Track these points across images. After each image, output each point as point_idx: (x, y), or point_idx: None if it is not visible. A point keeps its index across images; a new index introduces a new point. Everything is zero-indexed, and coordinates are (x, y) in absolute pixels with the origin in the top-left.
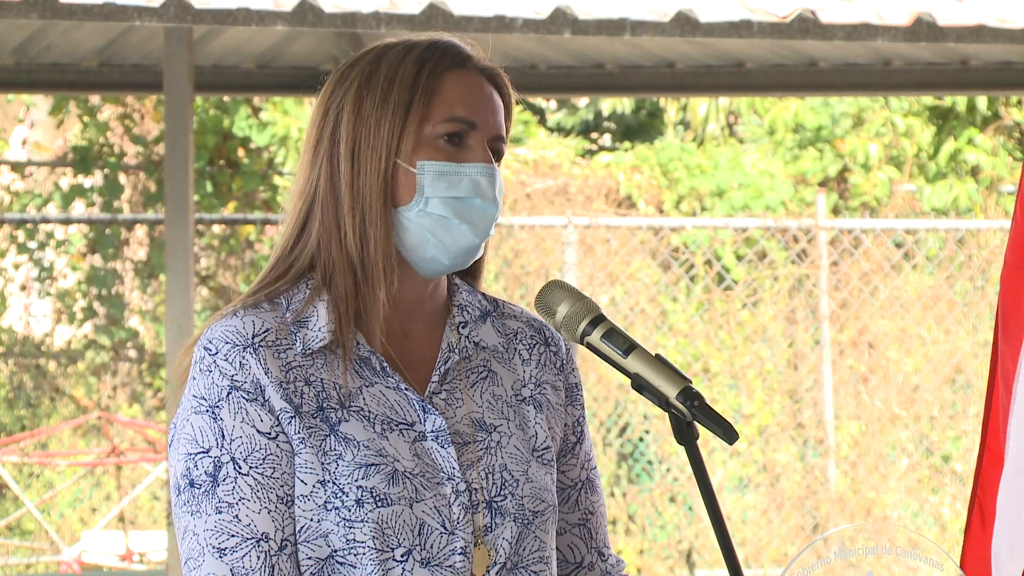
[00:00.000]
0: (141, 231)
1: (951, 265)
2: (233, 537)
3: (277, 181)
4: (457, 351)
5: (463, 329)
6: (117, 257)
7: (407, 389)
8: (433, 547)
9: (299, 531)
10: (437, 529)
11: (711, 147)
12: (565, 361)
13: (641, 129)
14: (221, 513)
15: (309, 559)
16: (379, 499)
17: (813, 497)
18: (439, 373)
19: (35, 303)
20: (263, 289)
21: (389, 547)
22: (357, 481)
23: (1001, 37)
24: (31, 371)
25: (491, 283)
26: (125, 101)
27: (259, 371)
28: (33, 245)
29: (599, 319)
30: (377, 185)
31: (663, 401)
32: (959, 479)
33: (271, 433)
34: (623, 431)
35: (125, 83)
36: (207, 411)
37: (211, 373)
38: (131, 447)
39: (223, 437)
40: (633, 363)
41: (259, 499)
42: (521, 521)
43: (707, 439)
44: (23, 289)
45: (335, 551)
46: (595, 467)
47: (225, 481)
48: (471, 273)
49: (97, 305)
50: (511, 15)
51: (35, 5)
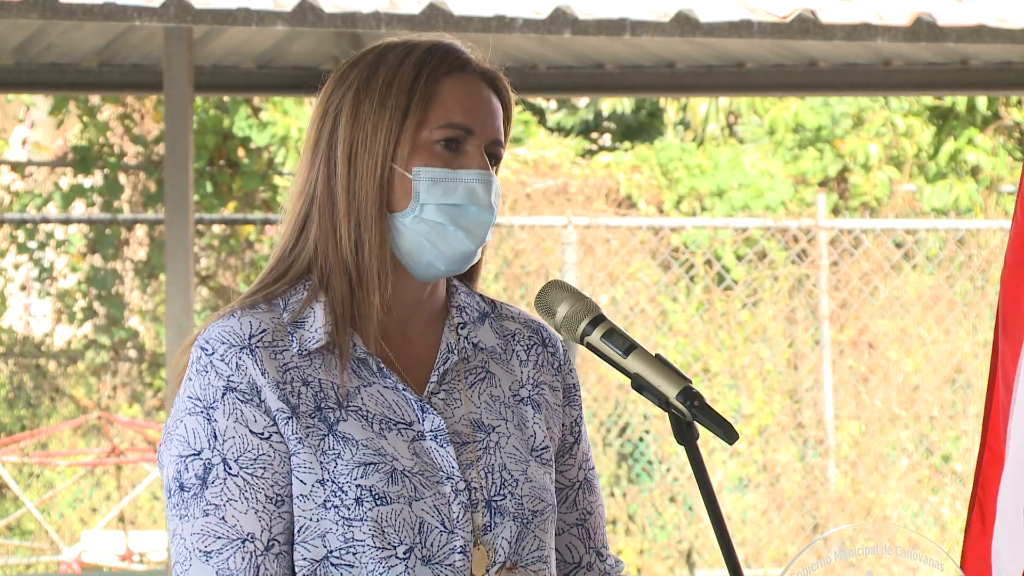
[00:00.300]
0: (141, 231)
1: (951, 265)
2: (219, 539)
3: (277, 181)
4: (456, 352)
5: (462, 330)
6: (117, 257)
7: (405, 389)
8: (433, 545)
9: (298, 531)
10: (437, 528)
11: (711, 147)
12: (563, 362)
13: (641, 129)
14: (208, 516)
15: (304, 560)
16: (378, 498)
17: (813, 497)
18: (438, 373)
19: (35, 303)
20: (261, 290)
21: (391, 545)
22: (356, 480)
23: (1001, 37)
24: (31, 371)
25: (491, 283)
26: (125, 101)
27: (255, 372)
28: (33, 245)
29: (599, 319)
30: (373, 190)
31: (663, 401)
32: (959, 479)
33: (264, 433)
34: (623, 431)
35: (125, 83)
36: (201, 412)
37: (207, 373)
38: (131, 447)
39: (215, 438)
40: (633, 363)
41: (247, 499)
42: (520, 520)
43: (707, 439)
44: (23, 289)
45: (331, 551)
46: (593, 467)
47: (214, 483)
48: (468, 275)
49: (97, 305)
50: (511, 15)
51: (35, 5)
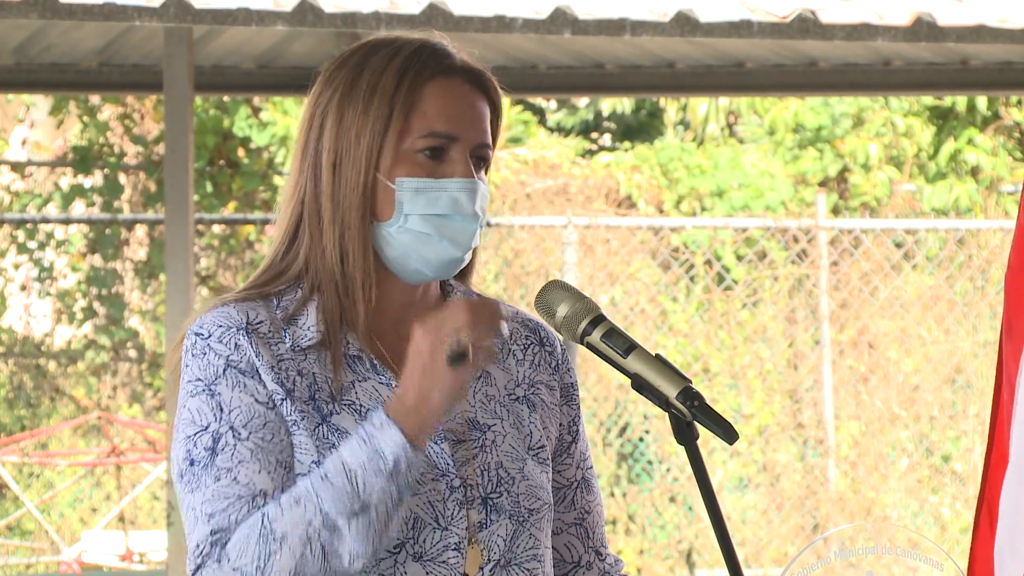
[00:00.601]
0: (141, 231)
1: (951, 265)
2: (227, 499)
3: (277, 181)
4: None
5: None
6: (117, 257)
7: (399, 386)
8: (426, 542)
9: None
10: (430, 524)
11: (711, 147)
12: (560, 361)
13: (641, 129)
14: (220, 480)
15: None
16: None
17: (813, 497)
18: None
19: (35, 303)
20: (255, 288)
21: None
22: None
23: (1001, 37)
24: (31, 371)
25: (491, 283)
26: (125, 101)
27: (252, 353)
28: (33, 245)
29: (599, 319)
30: (356, 200)
31: (663, 401)
32: (959, 479)
33: (269, 403)
34: (623, 431)
35: (125, 83)
36: (203, 391)
37: (206, 355)
38: (131, 447)
39: (221, 410)
40: (633, 363)
41: (258, 460)
42: (517, 519)
43: (707, 439)
44: (23, 289)
45: None
46: (591, 466)
47: (224, 450)
48: (462, 274)
49: (97, 305)
50: (511, 15)
51: (35, 5)
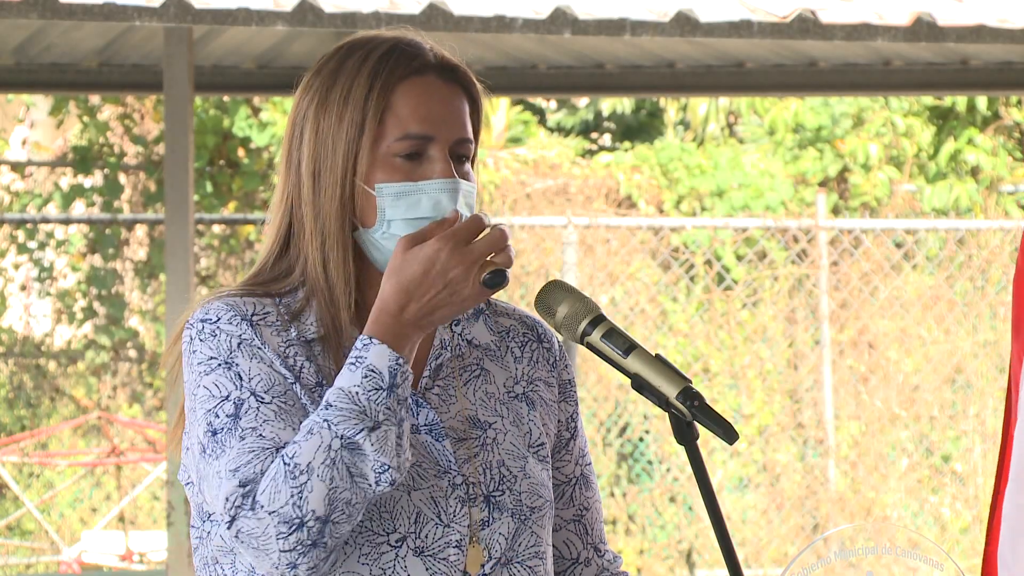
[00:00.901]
0: (141, 231)
1: (951, 265)
2: (251, 452)
3: (277, 181)
4: (449, 348)
5: (455, 327)
6: (117, 257)
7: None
8: (428, 537)
9: None
10: (433, 520)
11: (711, 147)
12: (558, 358)
13: (641, 129)
14: (244, 440)
15: None
16: None
17: (813, 497)
18: (431, 368)
19: (35, 303)
20: (257, 285)
21: (384, 531)
22: None
23: (1001, 37)
24: (31, 371)
25: None
26: (125, 101)
27: (260, 340)
28: (33, 245)
29: (599, 319)
30: (335, 209)
31: (663, 401)
32: (959, 479)
33: (286, 375)
34: (623, 431)
35: (125, 83)
36: (220, 365)
37: (216, 336)
38: (131, 447)
39: (241, 379)
40: (633, 363)
41: (283, 420)
42: (519, 517)
43: (707, 439)
44: (23, 289)
45: None
46: (590, 463)
47: (247, 413)
48: None
49: (97, 305)
50: (511, 15)
51: (35, 5)
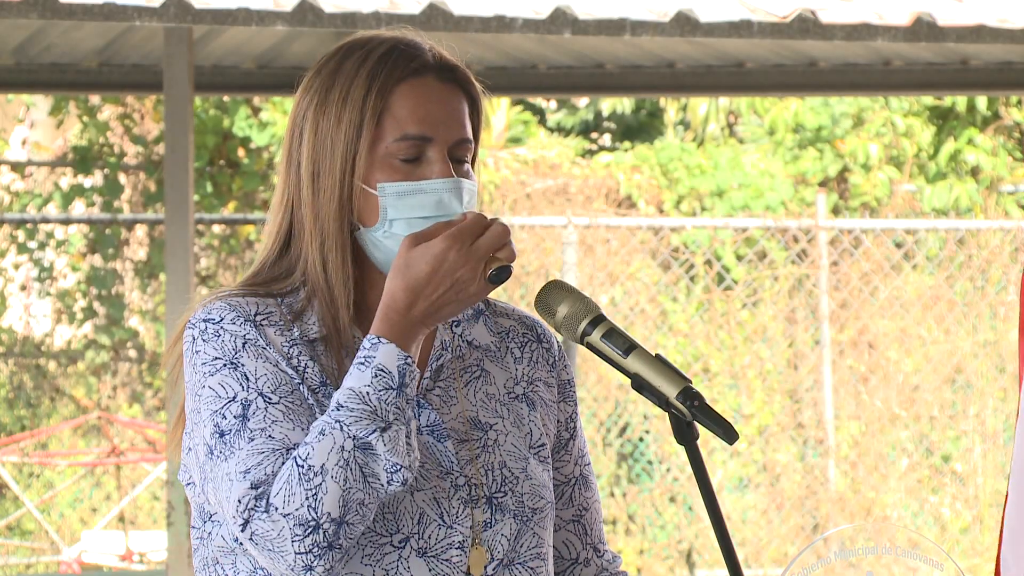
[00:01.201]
0: (141, 231)
1: (951, 265)
2: (262, 453)
3: (276, 181)
4: (449, 349)
5: (456, 328)
6: (117, 257)
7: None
8: (431, 538)
9: None
10: (435, 520)
11: (711, 147)
12: (557, 358)
13: (641, 129)
14: (254, 441)
15: None
16: None
17: (813, 497)
18: (431, 370)
19: (35, 303)
20: (258, 284)
21: (388, 531)
22: None
23: (1001, 37)
24: (31, 371)
25: None
26: (125, 101)
27: (264, 340)
28: (33, 245)
29: (599, 319)
30: (334, 210)
31: (663, 401)
32: (959, 479)
33: (292, 375)
34: (623, 431)
35: (125, 83)
36: (225, 366)
37: (220, 336)
38: (131, 447)
39: (247, 379)
40: (633, 363)
41: (292, 420)
42: (521, 518)
43: (707, 439)
44: (23, 289)
45: None
46: (589, 463)
47: (256, 414)
48: None
49: (97, 305)
50: (511, 15)
51: (35, 5)
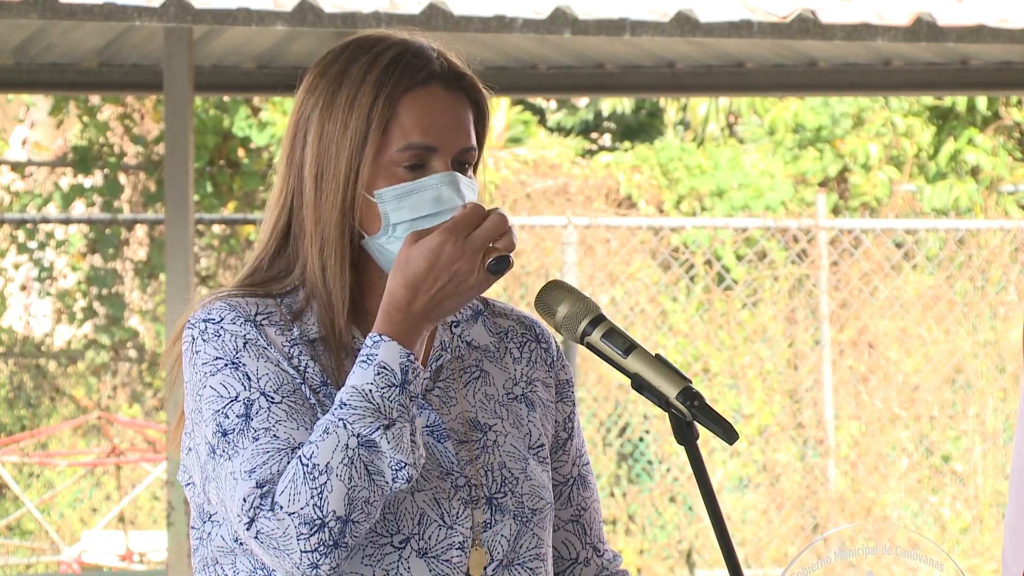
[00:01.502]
0: (141, 231)
1: (951, 265)
2: (267, 453)
3: (275, 178)
4: (449, 350)
5: (455, 328)
6: (117, 257)
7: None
8: (431, 539)
9: None
10: (435, 521)
11: (711, 147)
12: (555, 358)
13: (641, 129)
14: (258, 440)
15: None
16: None
17: (813, 497)
18: (431, 370)
19: (35, 303)
20: (256, 285)
21: (388, 532)
22: None
23: (1001, 37)
24: (31, 371)
25: None
26: (125, 101)
27: (265, 340)
28: (33, 245)
29: (599, 319)
30: (336, 216)
31: (663, 401)
32: (959, 479)
33: (293, 375)
34: (623, 431)
35: (125, 83)
36: (226, 365)
37: (220, 336)
38: (131, 447)
39: (249, 379)
40: (633, 363)
41: (295, 419)
42: (520, 519)
43: (707, 439)
44: (23, 289)
45: None
46: (587, 463)
47: (259, 414)
48: None
49: (97, 305)
50: (511, 15)
51: (35, 5)
